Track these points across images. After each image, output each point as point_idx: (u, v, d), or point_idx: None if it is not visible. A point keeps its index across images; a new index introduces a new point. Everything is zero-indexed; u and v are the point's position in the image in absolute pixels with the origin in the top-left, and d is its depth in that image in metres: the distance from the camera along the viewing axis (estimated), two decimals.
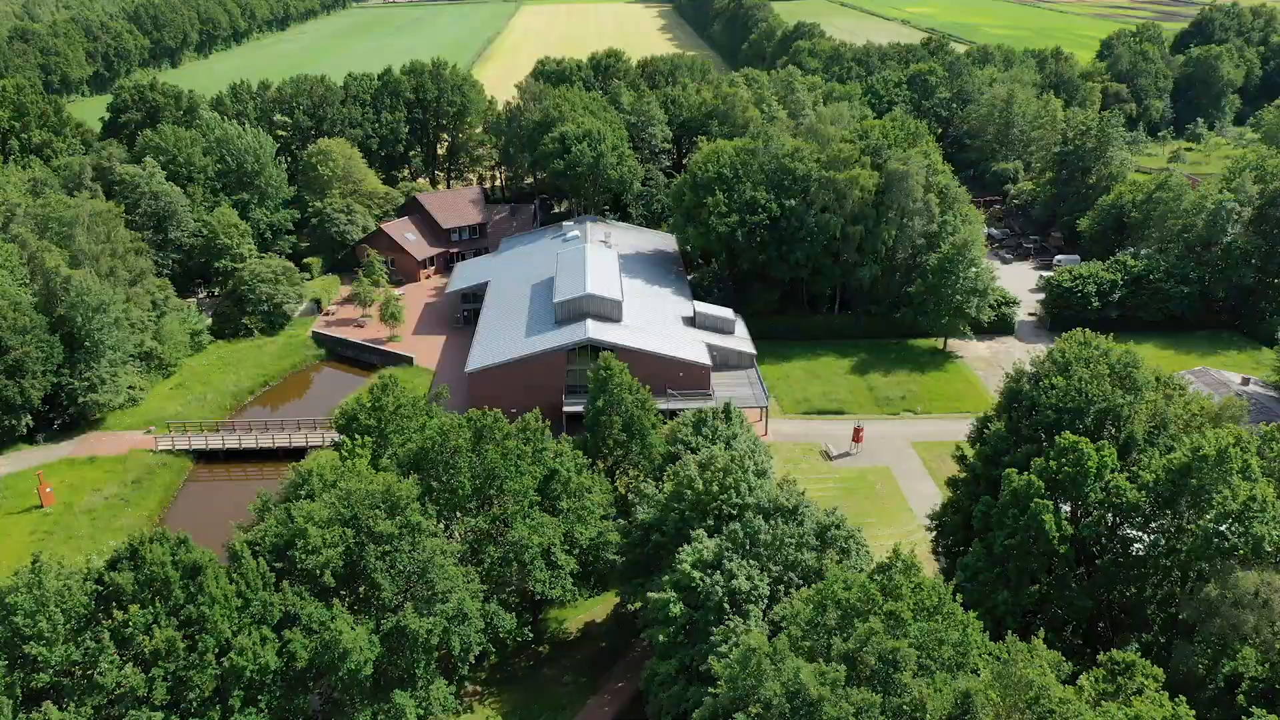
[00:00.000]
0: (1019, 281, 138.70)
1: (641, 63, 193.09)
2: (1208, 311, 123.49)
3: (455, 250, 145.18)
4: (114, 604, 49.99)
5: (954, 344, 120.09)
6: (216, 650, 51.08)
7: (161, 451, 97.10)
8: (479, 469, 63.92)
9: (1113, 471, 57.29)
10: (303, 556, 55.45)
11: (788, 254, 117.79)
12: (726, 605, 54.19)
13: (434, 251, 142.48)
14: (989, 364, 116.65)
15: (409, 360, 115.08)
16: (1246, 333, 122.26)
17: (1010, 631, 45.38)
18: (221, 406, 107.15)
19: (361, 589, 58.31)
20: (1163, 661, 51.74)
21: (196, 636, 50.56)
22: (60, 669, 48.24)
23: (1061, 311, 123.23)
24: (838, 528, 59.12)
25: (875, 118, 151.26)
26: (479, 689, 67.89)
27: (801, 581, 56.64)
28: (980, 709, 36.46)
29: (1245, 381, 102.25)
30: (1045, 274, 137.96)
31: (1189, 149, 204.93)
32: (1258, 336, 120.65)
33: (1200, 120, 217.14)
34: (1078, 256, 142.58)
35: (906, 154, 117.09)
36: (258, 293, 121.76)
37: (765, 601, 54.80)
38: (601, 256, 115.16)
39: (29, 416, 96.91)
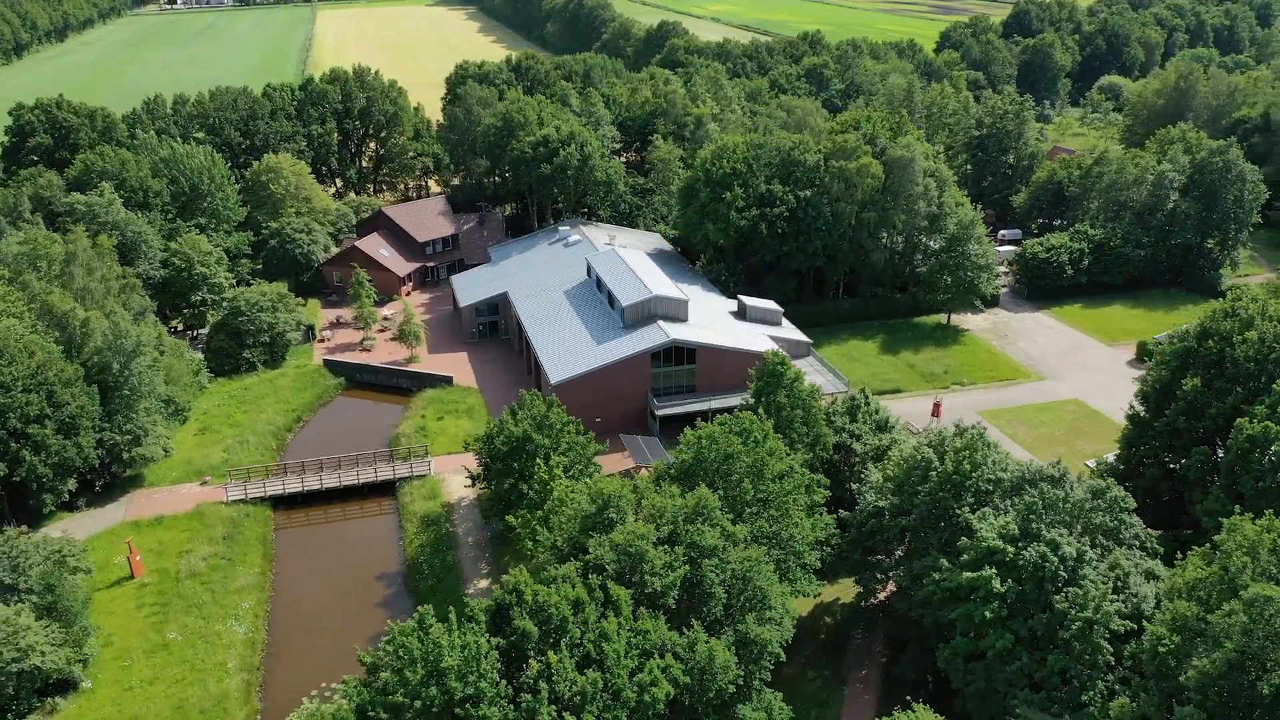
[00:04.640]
0: None
1: (555, 63, 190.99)
2: (1156, 272, 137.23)
3: (431, 264, 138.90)
4: (527, 651, 46.24)
5: (956, 318, 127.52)
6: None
7: (234, 502, 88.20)
8: (751, 471, 63.05)
9: None
10: (650, 580, 53.15)
11: (805, 244, 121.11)
12: (1062, 573, 56.47)
13: (412, 267, 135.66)
14: (995, 334, 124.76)
15: (448, 380, 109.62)
16: (1190, 289, 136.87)
17: None
18: (267, 448, 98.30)
19: (686, 605, 56.40)
20: None
21: (604, 675, 47.62)
22: None
23: (1037, 280, 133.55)
24: (1109, 489, 62.68)
25: None
26: None
27: (1106, 542, 59.85)
28: None
29: None
30: (1002, 249, 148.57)
31: (1045, 128, 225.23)
32: (1201, 290, 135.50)
33: (1046, 103, 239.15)
34: (1019, 232, 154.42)
35: (908, 141, 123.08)
36: (258, 322, 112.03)
37: (1094, 564, 57.49)
38: (638, 259, 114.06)
39: (72, 480, 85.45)
